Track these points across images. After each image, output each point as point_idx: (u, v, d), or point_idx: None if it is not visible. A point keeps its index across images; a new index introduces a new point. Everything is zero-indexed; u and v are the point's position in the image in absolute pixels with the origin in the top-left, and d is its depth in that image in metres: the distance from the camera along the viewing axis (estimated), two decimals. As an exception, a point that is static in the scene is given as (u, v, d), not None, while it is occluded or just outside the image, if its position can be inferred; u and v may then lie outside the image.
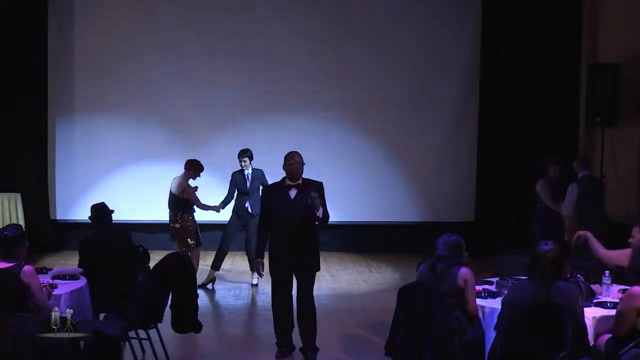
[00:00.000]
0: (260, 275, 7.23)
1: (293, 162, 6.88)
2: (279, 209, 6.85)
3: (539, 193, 9.88)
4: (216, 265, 10.04)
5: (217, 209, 9.99)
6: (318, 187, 6.89)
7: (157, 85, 12.20)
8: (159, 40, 12.21)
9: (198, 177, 9.76)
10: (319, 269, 7.10)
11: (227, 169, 10.05)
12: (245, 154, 9.97)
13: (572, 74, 12.32)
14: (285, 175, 6.96)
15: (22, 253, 5.89)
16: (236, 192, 10.00)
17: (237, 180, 9.98)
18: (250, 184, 9.91)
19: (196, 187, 9.79)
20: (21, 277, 5.56)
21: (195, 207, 9.72)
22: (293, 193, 6.89)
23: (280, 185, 6.96)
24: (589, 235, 6.68)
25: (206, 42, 12.26)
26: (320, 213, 6.81)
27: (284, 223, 6.84)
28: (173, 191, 9.60)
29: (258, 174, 9.97)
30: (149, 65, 12.19)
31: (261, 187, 7.96)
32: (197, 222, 9.74)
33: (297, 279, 7.04)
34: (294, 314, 7.12)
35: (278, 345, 7.14)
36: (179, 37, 12.23)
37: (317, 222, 6.92)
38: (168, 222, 9.70)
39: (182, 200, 9.57)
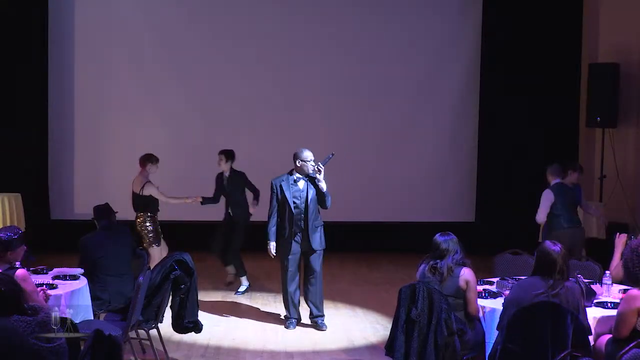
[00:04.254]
0: (272, 255, 8.14)
1: (306, 159, 7.96)
2: (290, 199, 7.97)
3: None
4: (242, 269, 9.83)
5: (192, 200, 9.57)
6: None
7: (158, 85, 12.18)
8: (160, 38, 12.19)
9: (156, 170, 9.40)
10: (325, 246, 8.17)
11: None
12: (221, 153, 9.65)
13: (572, 73, 12.32)
14: (294, 167, 8.05)
15: (16, 257, 5.84)
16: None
17: (218, 183, 9.71)
18: (230, 189, 9.63)
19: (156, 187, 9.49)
20: None
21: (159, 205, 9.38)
22: (302, 184, 8.03)
23: (288, 178, 8.05)
24: (619, 243, 6.69)
25: (209, 39, 12.25)
26: (323, 186, 7.92)
27: (296, 210, 7.98)
28: (133, 190, 9.33)
29: (239, 178, 9.64)
30: (150, 65, 12.17)
31: (272, 181, 8.08)
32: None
33: (306, 255, 8.13)
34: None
35: (287, 317, 8.26)
36: (181, 35, 12.22)
37: (321, 202, 8.04)
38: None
39: (140, 198, 9.29)
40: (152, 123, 12.18)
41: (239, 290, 9.74)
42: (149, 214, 9.32)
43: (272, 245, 8.09)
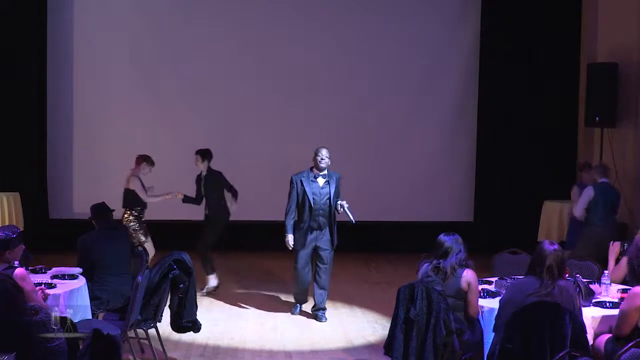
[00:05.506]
0: (290, 247, 8.45)
1: (321, 157, 8.35)
2: (310, 194, 8.33)
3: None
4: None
5: (172, 195, 9.54)
6: (337, 180, 8.48)
7: (158, 84, 12.18)
8: (160, 38, 12.18)
9: (149, 172, 9.43)
10: (336, 243, 8.52)
11: (229, 168, 9.99)
12: (197, 153, 9.57)
13: (571, 73, 12.33)
14: (313, 165, 8.41)
15: (14, 257, 5.84)
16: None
17: (197, 184, 9.66)
18: (206, 189, 9.53)
19: (152, 187, 9.50)
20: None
21: (143, 201, 9.38)
22: (321, 181, 8.40)
23: (308, 175, 8.41)
24: (613, 251, 6.75)
25: (209, 38, 12.25)
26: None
27: (313, 205, 8.34)
28: (124, 185, 9.38)
29: (215, 178, 9.56)
30: (150, 65, 12.17)
31: (292, 177, 8.44)
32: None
33: (318, 249, 8.49)
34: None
35: (295, 303, 8.80)
36: (181, 35, 12.21)
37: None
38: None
39: (128, 193, 9.31)
40: (152, 123, 12.18)
41: (207, 287, 9.57)
42: (134, 213, 9.32)
43: (290, 238, 8.42)
